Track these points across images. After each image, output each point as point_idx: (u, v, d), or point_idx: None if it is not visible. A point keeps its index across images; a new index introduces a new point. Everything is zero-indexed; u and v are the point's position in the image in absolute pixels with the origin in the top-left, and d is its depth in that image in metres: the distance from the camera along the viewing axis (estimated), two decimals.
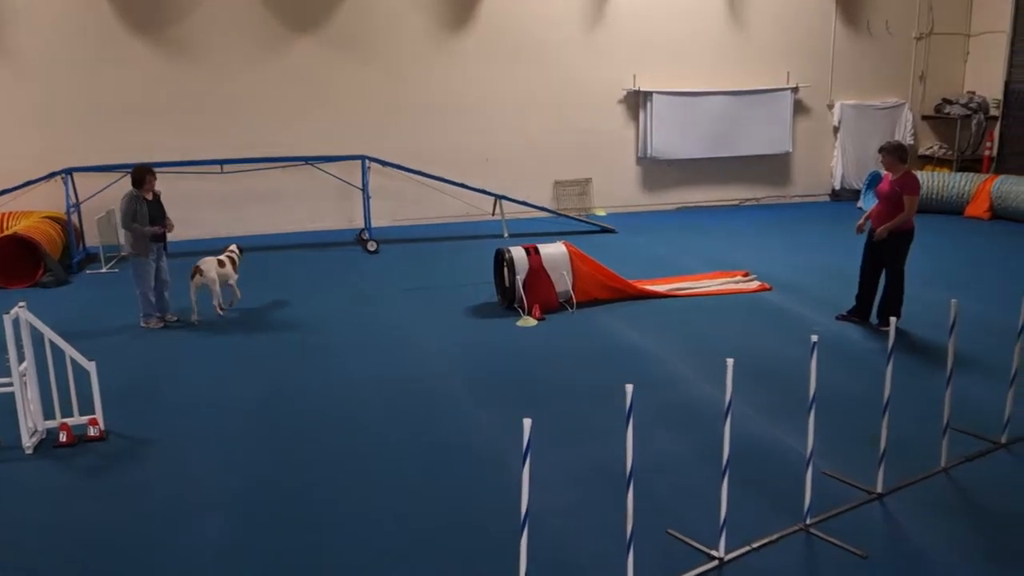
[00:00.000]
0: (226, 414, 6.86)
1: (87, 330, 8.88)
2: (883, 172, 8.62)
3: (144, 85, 13.00)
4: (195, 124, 13.16)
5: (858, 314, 8.67)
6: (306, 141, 13.32)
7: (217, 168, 12.61)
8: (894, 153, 8.35)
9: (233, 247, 10.03)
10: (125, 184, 12.14)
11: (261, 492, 5.61)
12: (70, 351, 6.32)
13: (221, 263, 9.60)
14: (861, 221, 8.74)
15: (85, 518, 5.35)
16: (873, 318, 8.62)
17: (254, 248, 12.77)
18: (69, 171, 12.00)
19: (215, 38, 13.18)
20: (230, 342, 8.63)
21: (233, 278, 9.73)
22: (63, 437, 6.26)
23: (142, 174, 9.11)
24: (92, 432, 6.35)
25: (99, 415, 6.37)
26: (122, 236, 12.40)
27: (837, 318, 8.70)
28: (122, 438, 6.42)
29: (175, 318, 9.31)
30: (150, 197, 9.12)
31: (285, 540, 5.05)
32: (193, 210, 13.29)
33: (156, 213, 9.13)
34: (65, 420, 6.34)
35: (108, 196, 12.17)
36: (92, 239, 12.24)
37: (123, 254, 8.64)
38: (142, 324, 9.14)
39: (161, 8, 12.92)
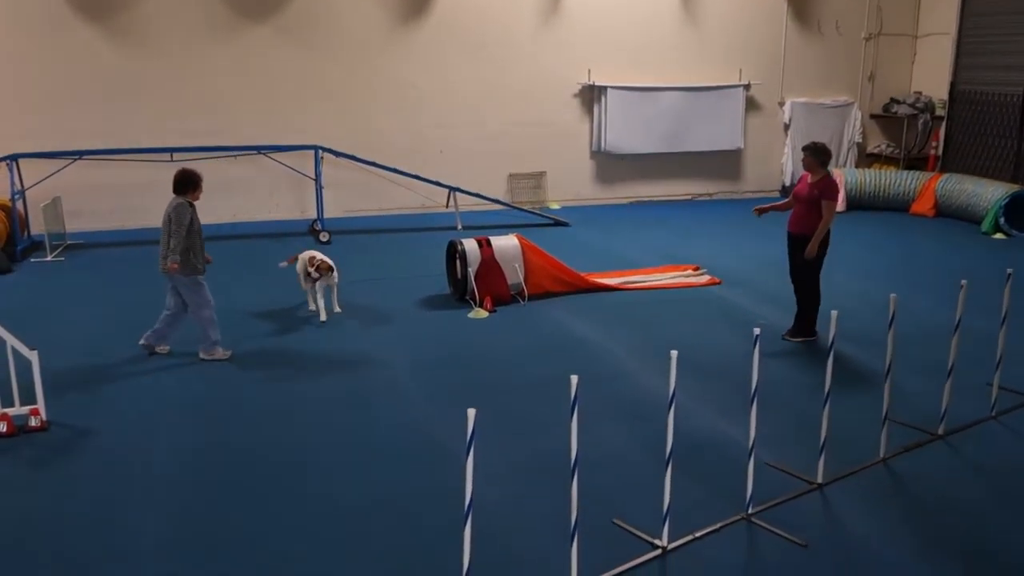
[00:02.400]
0: (169, 405, 6.79)
1: (30, 318, 8.69)
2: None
3: (92, 72, 12.75)
4: (144, 112, 12.94)
5: (801, 332, 8.31)
6: (259, 130, 13.16)
7: (167, 156, 12.39)
8: (817, 154, 8.02)
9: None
10: (72, 172, 12.01)
11: (201, 484, 5.58)
12: (11, 340, 6.21)
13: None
14: (765, 207, 8.55)
15: (24, 509, 5.26)
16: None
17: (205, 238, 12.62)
18: (14, 157, 11.72)
19: (166, 24, 12.95)
20: (176, 335, 8.50)
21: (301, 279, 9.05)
22: (3, 428, 6.15)
23: (197, 177, 7.68)
24: (33, 423, 6.23)
25: (41, 405, 6.26)
26: (52, 224, 12.25)
27: (784, 338, 8.31)
28: (64, 428, 6.32)
29: (167, 350, 8.00)
30: None
31: (224, 531, 5.03)
32: (143, 199, 13.06)
33: None
34: (6, 410, 6.21)
35: (54, 183, 11.94)
36: (37, 227, 11.99)
37: (169, 267, 7.48)
38: (204, 356, 7.74)
39: None
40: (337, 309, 8.97)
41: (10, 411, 6.22)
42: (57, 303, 9.53)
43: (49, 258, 11.39)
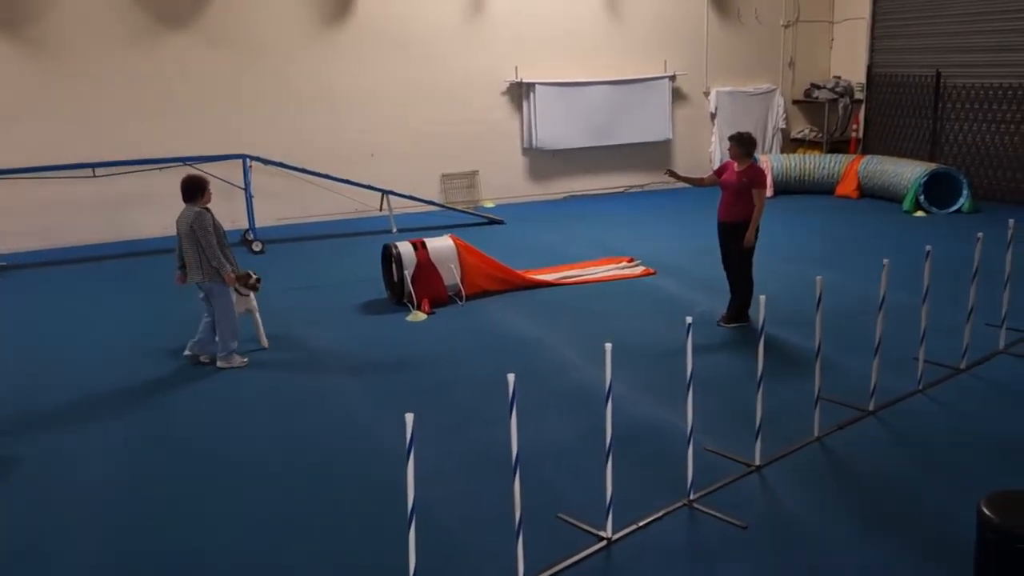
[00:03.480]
0: (99, 428, 6.64)
1: None
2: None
3: (5, 87, 12.38)
4: (63, 126, 12.59)
5: (735, 317, 8.44)
6: (183, 140, 12.90)
7: (89, 172, 12.12)
8: (743, 144, 8.19)
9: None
10: None
11: (133, 508, 5.45)
12: None
13: None
14: (679, 174, 8.91)
15: None
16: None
17: (131, 253, 12.39)
18: None
19: (79, 34, 12.62)
20: (105, 351, 8.32)
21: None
22: None
23: (204, 182, 7.70)
24: None
25: None
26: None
27: (719, 324, 8.45)
28: None
29: (209, 359, 7.89)
30: None
31: (158, 554, 4.92)
32: (65, 216, 12.80)
33: None
34: None
35: None
36: None
37: (200, 280, 7.56)
38: (221, 363, 7.69)
39: (17, 5, 12.30)
40: (264, 343, 8.27)
41: None
42: None
43: None
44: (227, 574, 4.71)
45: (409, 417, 3.75)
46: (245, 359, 7.87)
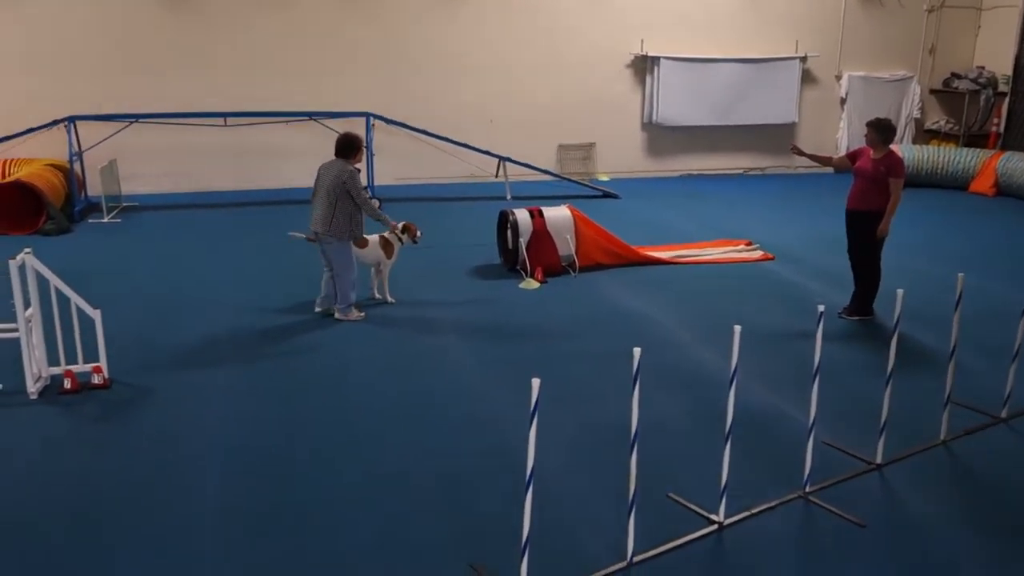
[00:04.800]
0: (227, 366, 6.89)
1: (90, 278, 8.82)
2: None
3: (148, 36, 12.87)
4: (199, 76, 13.05)
5: (858, 310, 8.15)
6: (310, 96, 13.21)
7: (220, 121, 12.53)
8: (881, 131, 7.84)
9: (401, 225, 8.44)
10: (127, 135, 12.18)
11: (258, 446, 5.63)
12: (75, 298, 6.31)
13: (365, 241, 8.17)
14: (805, 151, 8.46)
15: (85, 465, 5.37)
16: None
17: (255, 203, 12.77)
18: (72, 119, 11.91)
19: None
20: (234, 296, 8.61)
21: (384, 263, 8.41)
22: (67, 384, 6.29)
23: (360, 141, 7.96)
24: (96, 380, 6.37)
25: (103, 363, 6.39)
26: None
27: (840, 316, 8.15)
28: (125, 386, 6.44)
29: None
30: None
31: (280, 494, 5.07)
32: (195, 162, 13.29)
33: None
34: (69, 367, 6.35)
35: (110, 146, 12.12)
36: (94, 189, 12.20)
37: (323, 231, 7.70)
38: (339, 316, 7.93)
39: None
40: (390, 299, 8.46)
41: (74, 368, 6.36)
42: (116, 263, 9.69)
43: (106, 219, 11.58)
44: (334, 523, 4.82)
45: (535, 382, 3.73)
46: (363, 313, 8.02)
